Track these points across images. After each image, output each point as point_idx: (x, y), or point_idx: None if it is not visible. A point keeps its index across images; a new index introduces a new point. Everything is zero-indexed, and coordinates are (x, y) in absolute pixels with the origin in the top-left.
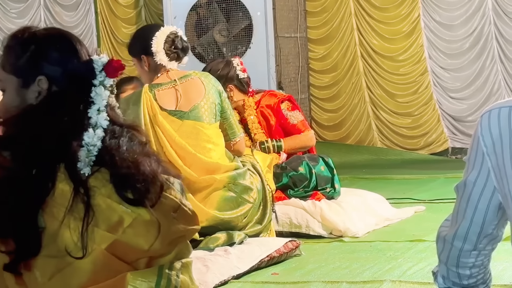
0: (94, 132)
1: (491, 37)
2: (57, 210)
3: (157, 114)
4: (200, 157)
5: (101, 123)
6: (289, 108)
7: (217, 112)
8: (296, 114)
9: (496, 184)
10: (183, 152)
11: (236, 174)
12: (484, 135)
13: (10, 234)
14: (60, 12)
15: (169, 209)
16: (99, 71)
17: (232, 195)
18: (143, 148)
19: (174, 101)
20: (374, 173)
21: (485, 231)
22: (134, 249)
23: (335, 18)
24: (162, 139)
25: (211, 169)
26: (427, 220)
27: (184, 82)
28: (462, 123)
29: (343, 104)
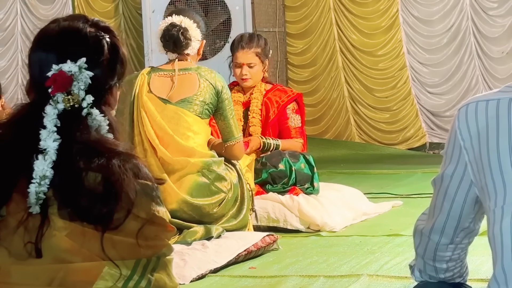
0: (44, 159)
1: (468, 33)
2: (18, 208)
3: (142, 95)
4: (177, 139)
5: (50, 146)
6: (294, 110)
7: (205, 111)
8: (296, 118)
9: (473, 178)
10: (162, 132)
11: (211, 161)
12: (462, 129)
13: None
14: (36, 5)
15: (133, 229)
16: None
17: (205, 181)
18: (121, 161)
19: (167, 90)
20: (352, 167)
21: (462, 225)
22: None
23: (314, 12)
24: (144, 117)
25: (187, 153)
26: (404, 215)
27: (182, 74)
28: (440, 118)
29: (321, 98)
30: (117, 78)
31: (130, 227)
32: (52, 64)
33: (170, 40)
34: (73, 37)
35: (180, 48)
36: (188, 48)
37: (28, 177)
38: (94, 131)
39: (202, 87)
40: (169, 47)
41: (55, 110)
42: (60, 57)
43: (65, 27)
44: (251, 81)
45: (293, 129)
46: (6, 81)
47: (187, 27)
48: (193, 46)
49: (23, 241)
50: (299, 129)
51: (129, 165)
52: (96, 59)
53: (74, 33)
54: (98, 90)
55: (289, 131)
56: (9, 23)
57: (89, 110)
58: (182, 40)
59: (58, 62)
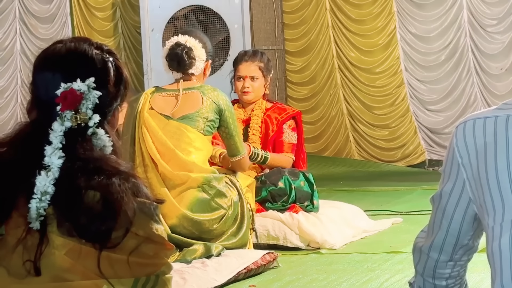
0: (47, 175)
1: (466, 50)
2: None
3: (144, 112)
4: (178, 153)
5: (54, 163)
6: (291, 127)
7: (207, 128)
8: (292, 135)
9: (471, 195)
10: (163, 147)
11: (212, 176)
12: (459, 146)
13: None
14: (36, 24)
15: (131, 248)
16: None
17: (206, 197)
18: (122, 181)
19: (170, 108)
20: (352, 185)
21: (461, 242)
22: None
23: (313, 30)
24: (145, 134)
25: (188, 168)
26: (404, 232)
27: (185, 93)
28: (438, 135)
29: (321, 116)
30: (120, 99)
31: (129, 245)
32: (60, 83)
33: (175, 59)
34: (80, 58)
35: (183, 67)
36: (192, 68)
37: (27, 194)
38: (98, 150)
39: (205, 105)
40: (174, 66)
41: (62, 127)
42: (68, 76)
43: (72, 48)
44: (252, 94)
45: (286, 144)
46: (5, 100)
47: (192, 46)
48: (197, 66)
49: (22, 259)
50: (292, 145)
51: (128, 184)
52: (103, 80)
53: (81, 54)
54: (103, 110)
55: (282, 145)
56: (8, 42)
57: (95, 130)
58: (186, 59)
59: (66, 81)
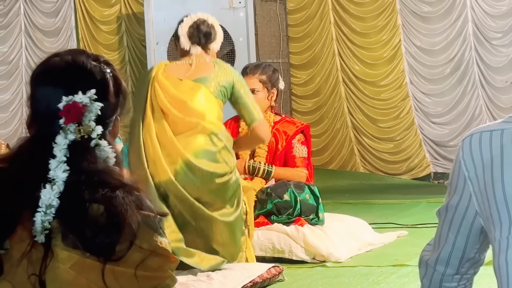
0: (52, 188)
1: (472, 63)
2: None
3: (158, 75)
4: (190, 104)
5: (59, 176)
6: (300, 141)
7: (219, 92)
8: (302, 149)
9: (478, 208)
10: (174, 100)
11: (221, 131)
12: (466, 159)
13: None
14: (41, 38)
15: (136, 261)
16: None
17: (212, 150)
18: (124, 194)
19: (184, 73)
20: (357, 198)
21: (467, 255)
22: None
23: (317, 43)
24: (157, 89)
25: (199, 117)
26: (410, 245)
27: (199, 62)
28: (444, 148)
29: (325, 129)
30: (120, 109)
31: (133, 258)
32: (61, 96)
33: (200, 33)
34: (79, 70)
35: (208, 40)
36: (214, 42)
37: (31, 208)
38: (101, 162)
39: (217, 71)
40: (197, 40)
41: (65, 140)
42: (69, 89)
43: (70, 61)
44: None
45: (297, 159)
46: (10, 114)
47: (213, 24)
48: (217, 42)
49: (26, 273)
50: (304, 159)
51: (132, 197)
52: (103, 91)
53: (80, 67)
54: (105, 121)
55: (293, 160)
56: (13, 56)
57: (98, 141)
58: (212, 33)
59: (68, 94)
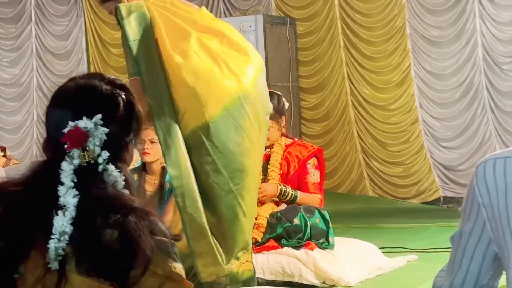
0: (64, 215)
1: (481, 87)
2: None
3: None
4: None
5: (69, 202)
6: (314, 165)
7: None
8: (316, 174)
9: (491, 235)
10: None
11: None
12: (480, 186)
13: None
14: (52, 60)
15: (150, 286)
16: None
17: None
18: (138, 217)
19: None
20: (366, 222)
21: (481, 282)
22: None
23: (327, 67)
24: None
25: None
26: (419, 269)
27: None
28: (453, 172)
29: (334, 152)
30: (133, 134)
31: (148, 284)
32: (68, 121)
33: None
34: (89, 94)
35: None
36: None
37: (45, 233)
38: (110, 187)
39: None
40: None
41: (71, 166)
42: (76, 114)
43: (82, 85)
44: (268, 142)
45: (311, 184)
46: (22, 135)
47: None
48: None
49: None
50: (318, 184)
51: (145, 222)
52: (112, 116)
53: (90, 90)
54: (114, 146)
55: (307, 185)
56: (25, 78)
57: (105, 166)
58: None
59: (74, 119)
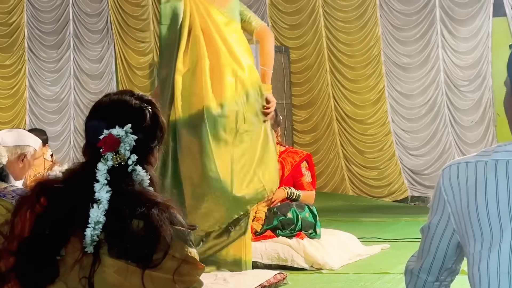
0: (99, 207)
1: (443, 105)
2: (75, 249)
3: None
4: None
5: (103, 197)
6: (307, 168)
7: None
8: (308, 174)
9: (455, 227)
10: None
11: None
12: (445, 186)
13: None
14: (87, 80)
15: (169, 267)
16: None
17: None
18: (160, 210)
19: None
20: (347, 216)
21: (446, 266)
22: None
23: (315, 88)
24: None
25: None
26: (391, 256)
27: None
28: (419, 175)
29: (321, 159)
30: (157, 141)
31: (167, 265)
32: (103, 129)
33: None
34: (121, 107)
35: None
36: None
37: (83, 222)
38: (137, 184)
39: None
40: None
41: (105, 166)
42: (110, 123)
43: (115, 100)
44: None
45: (306, 183)
46: (61, 142)
47: None
48: None
49: (78, 276)
50: (310, 183)
51: (166, 214)
52: (139, 125)
53: (122, 104)
54: (141, 150)
55: (303, 185)
56: (64, 95)
57: (134, 167)
58: None
59: (109, 128)
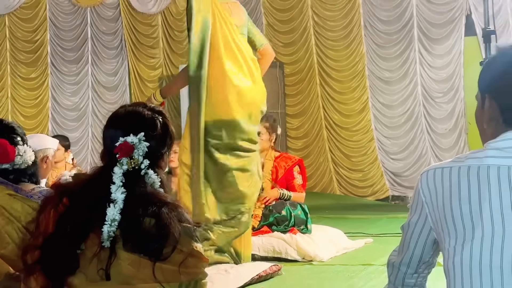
0: (114, 206)
1: (420, 115)
2: (94, 244)
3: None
4: None
5: (119, 197)
6: (298, 171)
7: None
8: (299, 177)
9: (432, 225)
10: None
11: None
12: (423, 189)
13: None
14: (104, 92)
15: (177, 260)
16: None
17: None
18: (169, 209)
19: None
20: (335, 213)
21: (424, 259)
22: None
23: (306, 99)
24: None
25: None
26: (375, 250)
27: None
28: (399, 177)
29: (311, 162)
30: (167, 148)
31: (175, 258)
32: (119, 137)
33: None
34: (135, 117)
35: None
36: None
37: (100, 220)
38: (149, 186)
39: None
40: None
41: (120, 170)
42: (125, 132)
43: (130, 111)
44: (261, 149)
45: (297, 186)
46: (79, 147)
47: None
48: None
49: (96, 268)
50: (301, 185)
51: (174, 213)
52: (151, 133)
53: (135, 115)
54: (153, 156)
55: (294, 187)
56: (82, 105)
57: (146, 171)
58: None
59: (124, 136)
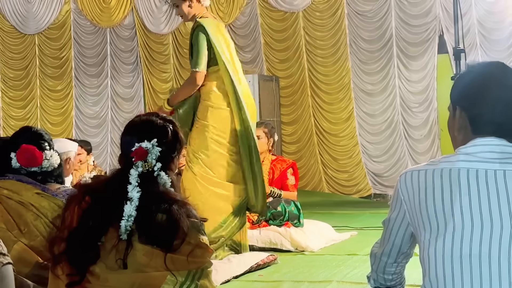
0: (131, 204)
1: (399, 123)
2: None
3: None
4: None
5: (135, 195)
6: (291, 173)
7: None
8: (292, 178)
9: (409, 220)
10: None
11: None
12: (402, 189)
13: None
14: (121, 102)
15: (186, 251)
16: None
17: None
18: (178, 206)
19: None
20: (324, 209)
21: (402, 250)
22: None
23: (299, 109)
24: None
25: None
26: (359, 241)
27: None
28: (380, 177)
29: (303, 164)
30: (177, 152)
31: (184, 249)
32: (135, 143)
33: None
34: (148, 125)
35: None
36: None
37: (118, 216)
38: (161, 186)
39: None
40: None
41: (136, 172)
42: (140, 138)
43: (144, 120)
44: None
45: (290, 185)
46: (100, 151)
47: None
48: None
49: (115, 258)
50: (294, 185)
51: (183, 209)
52: (163, 140)
53: (149, 123)
54: (164, 159)
55: (288, 187)
56: (102, 114)
57: (158, 173)
58: None
59: (139, 142)
